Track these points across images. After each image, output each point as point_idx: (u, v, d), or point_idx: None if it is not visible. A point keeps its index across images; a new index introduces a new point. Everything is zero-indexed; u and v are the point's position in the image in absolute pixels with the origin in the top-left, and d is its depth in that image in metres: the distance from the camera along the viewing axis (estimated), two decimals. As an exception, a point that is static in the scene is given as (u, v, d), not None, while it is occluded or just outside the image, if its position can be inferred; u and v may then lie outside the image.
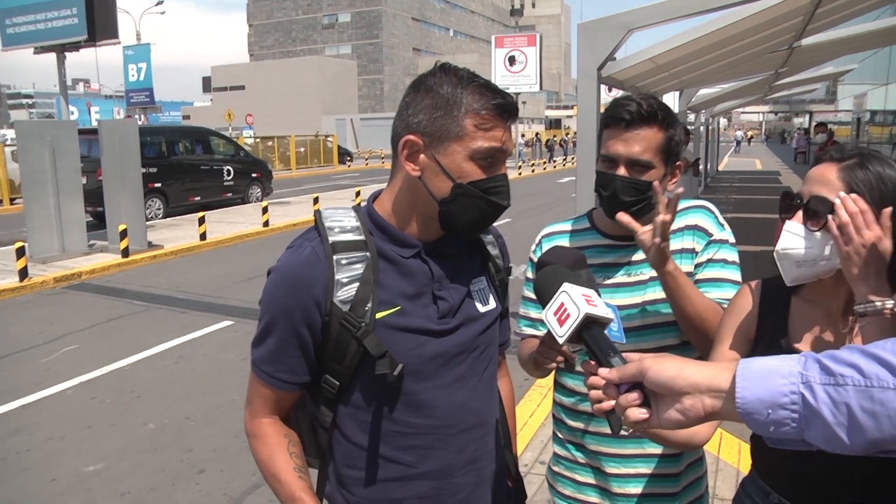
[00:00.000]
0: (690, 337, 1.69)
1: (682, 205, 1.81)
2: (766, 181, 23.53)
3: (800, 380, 0.81)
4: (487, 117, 1.30)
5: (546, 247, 1.87)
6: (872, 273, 1.26)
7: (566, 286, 1.09)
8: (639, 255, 1.79)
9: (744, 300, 1.55)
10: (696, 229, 1.78)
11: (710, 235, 1.77)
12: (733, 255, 1.77)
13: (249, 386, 1.44)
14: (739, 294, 1.58)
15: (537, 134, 52.43)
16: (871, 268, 1.26)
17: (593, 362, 1.02)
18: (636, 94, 1.75)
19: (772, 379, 0.82)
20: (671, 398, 0.90)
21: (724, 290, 1.70)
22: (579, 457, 1.87)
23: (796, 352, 1.41)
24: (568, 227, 1.93)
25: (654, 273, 1.74)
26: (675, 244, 1.71)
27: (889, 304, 1.24)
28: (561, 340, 1.06)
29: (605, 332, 1.07)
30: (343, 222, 1.38)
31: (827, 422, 0.79)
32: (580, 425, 1.85)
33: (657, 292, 1.75)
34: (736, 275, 1.74)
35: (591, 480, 1.85)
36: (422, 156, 1.33)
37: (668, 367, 0.90)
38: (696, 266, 1.75)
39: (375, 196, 1.45)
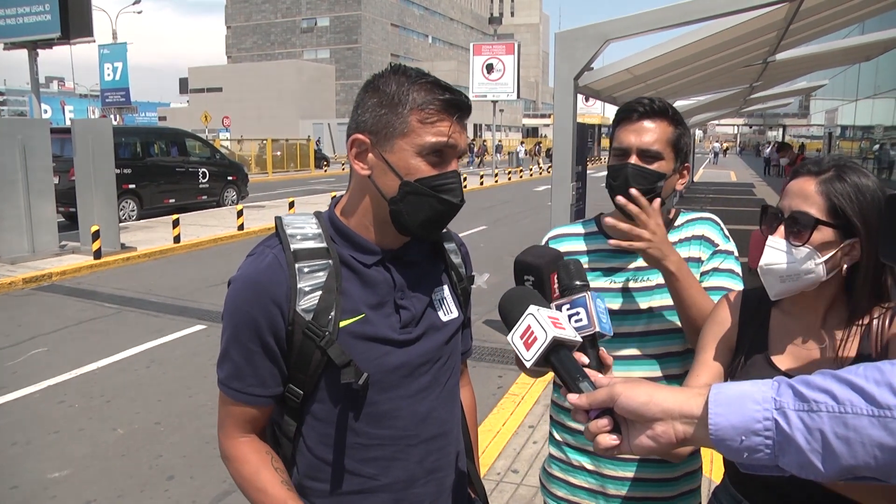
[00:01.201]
0: (693, 341, 1.70)
1: (689, 216, 1.88)
2: (740, 192, 23.83)
3: (773, 405, 0.79)
4: (432, 112, 1.28)
5: None
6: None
7: (532, 308, 1.07)
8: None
9: (724, 310, 1.55)
10: (703, 239, 1.84)
11: (716, 246, 1.83)
12: (737, 267, 1.82)
13: (220, 407, 1.38)
14: (720, 304, 1.58)
15: (538, 142, 52.36)
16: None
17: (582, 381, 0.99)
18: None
19: (745, 404, 0.81)
20: (642, 424, 0.88)
21: None
22: (574, 459, 1.88)
23: (775, 367, 1.42)
24: (576, 230, 1.95)
25: (661, 280, 1.76)
26: (682, 253, 1.75)
27: None
28: (528, 364, 1.04)
29: (598, 342, 1.06)
30: (304, 229, 1.35)
31: (801, 448, 0.77)
32: (580, 427, 1.84)
33: (663, 299, 1.77)
34: (739, 285, 1.78)
35: (585, 483, 1.86)
36: (370, 154, 1.32)
37: (639, 393, 0.88)
38: (702, 274, 1.80)
39: (337, 201, 1.44)
